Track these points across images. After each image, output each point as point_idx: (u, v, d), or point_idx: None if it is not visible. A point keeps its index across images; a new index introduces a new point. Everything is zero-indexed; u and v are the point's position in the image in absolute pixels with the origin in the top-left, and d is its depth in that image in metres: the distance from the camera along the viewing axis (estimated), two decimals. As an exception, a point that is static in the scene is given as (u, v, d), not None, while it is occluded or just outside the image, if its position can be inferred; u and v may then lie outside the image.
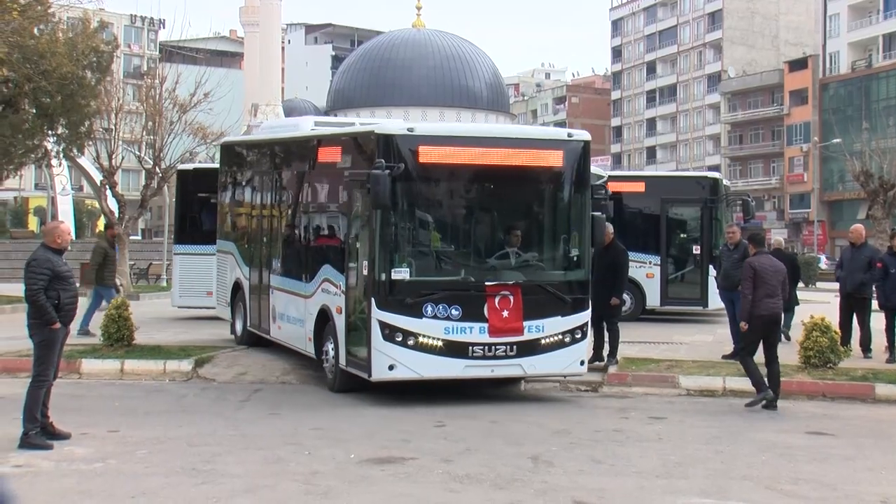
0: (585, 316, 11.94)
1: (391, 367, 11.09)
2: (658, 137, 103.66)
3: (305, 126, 14.88)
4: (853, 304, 15.31)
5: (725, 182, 22.59)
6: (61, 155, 31.46)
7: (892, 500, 7.76)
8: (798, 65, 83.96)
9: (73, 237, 36.14)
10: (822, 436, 10.29)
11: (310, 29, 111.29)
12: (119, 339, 14.66)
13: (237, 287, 16.21)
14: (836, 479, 8.33)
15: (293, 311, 13.63)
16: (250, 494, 7.60)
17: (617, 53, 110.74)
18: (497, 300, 11.33)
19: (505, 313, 11.31)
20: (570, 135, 12.23)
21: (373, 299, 11.10)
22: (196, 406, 11.67)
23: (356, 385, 11.88)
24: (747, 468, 8.68)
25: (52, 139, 29.07)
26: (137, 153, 39.94)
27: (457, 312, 11.22)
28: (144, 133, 42.16)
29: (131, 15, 73.04)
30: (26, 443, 8.99)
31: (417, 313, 11.12)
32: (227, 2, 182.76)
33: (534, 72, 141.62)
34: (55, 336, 9.21)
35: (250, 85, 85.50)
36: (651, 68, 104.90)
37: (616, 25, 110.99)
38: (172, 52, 56.16)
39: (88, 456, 8.75)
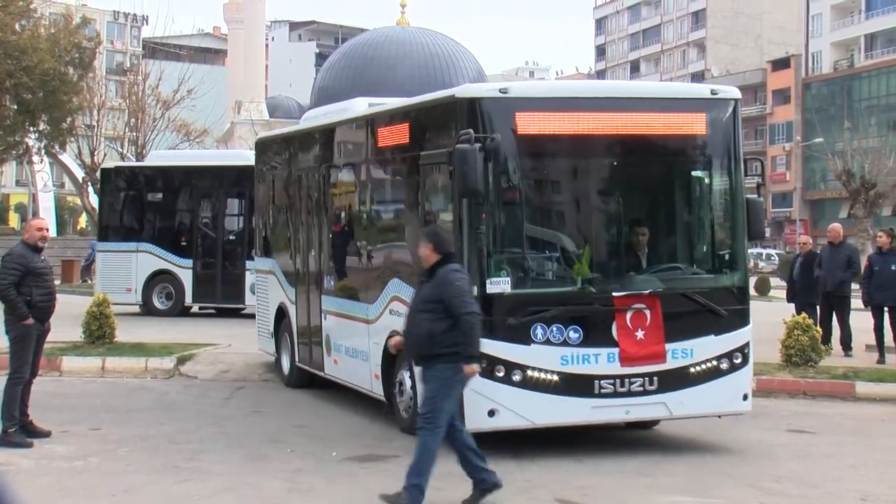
0: (746, 334, 9.12)
1: (492, 413, 8.34)
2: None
3: (359, 108, 11.55)
4: (832, 303, 15.39)
5: None
6: (43, 151, 31.33)
7: (872, 497, 7.82)
8: (781, 64, 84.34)
9: (55, 234, 35.98)
10: (804, 434, 10.34)
11: (294, 26, 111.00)
12: (100, 336, 14.59)
13: (281, 314, 12.91)
14: (818, 477, 8.37)
15: (353, 341, 10.78)
16: (233, 492, 7.58)
17: (601, 52, 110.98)
18: (629, 317, 8.65)
19: (640, 334, 8.65)
20: (714, 92, 9.38)
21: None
22: (178, 404, 11.63)
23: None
24: (729, 466, 8.71)
25: (33, 135, 28.94)
26: (120, 150, 39.76)
27: (576, 335, 8.56)
28: (127, 129, 41.95)
29: (114, 11, 72.68)
30: (6, 441, 8.94)
31: (524, 338, 8.42)
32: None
33: (518, 70, 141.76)
34: (28, 332, 9.15)
35: (234, 82, 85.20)
36: (635, 67, 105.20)
37: (600, 24, 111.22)
38: (155, 49, 55.86)
39: (69, 454, 8.71)
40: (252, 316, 21.32)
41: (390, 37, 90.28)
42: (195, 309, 22.37)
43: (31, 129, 28.02)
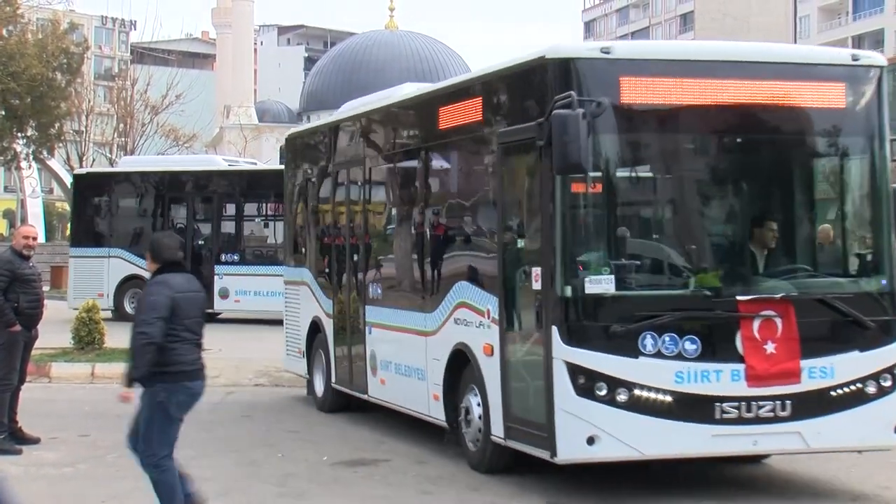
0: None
1: (591, 441, 6.94)
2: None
3: (407, 92, 10.18)
4: None
5: None
6: (31, 157, 31.26)
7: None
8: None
9: (44, 240, 35.89)
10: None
11: (282, 30, 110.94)
12: (90, 342, 14.53)
13: (315, 329, 11.42)
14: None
15: (406, 357, 9.36)
16: (223, 497, 7.54)
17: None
18: (757, 326, 7.16)
19: (770, 347, 7.14)
20: (855, 57, 7.79)
21: (555, 329, 7.01)
22: (168, 409, 11.56)
23: (515, 463, 7.99)
24: None
25: (21, 141, 28.87)
26: (109, 155, 39.68)
27: (693, 347, 7.06)
28: (116, 135, 41.86)
29: (102, 16, 72.48)
30: (-5, 448, 8.88)
31: (631, 350, 6.98)
32: (198, 3, 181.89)
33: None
34: (16, 339, 9.12)
35: (222, 86, 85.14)
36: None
37: (588, 26, 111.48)
38: (144, 54, 55.87)
39: (58, 460, 8.67)
40: (231, 321, 21.72)
41: (379, 41, 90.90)
42: None
43: (19, 134, 27.97)
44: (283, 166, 14.75)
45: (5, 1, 25.77)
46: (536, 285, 7.24)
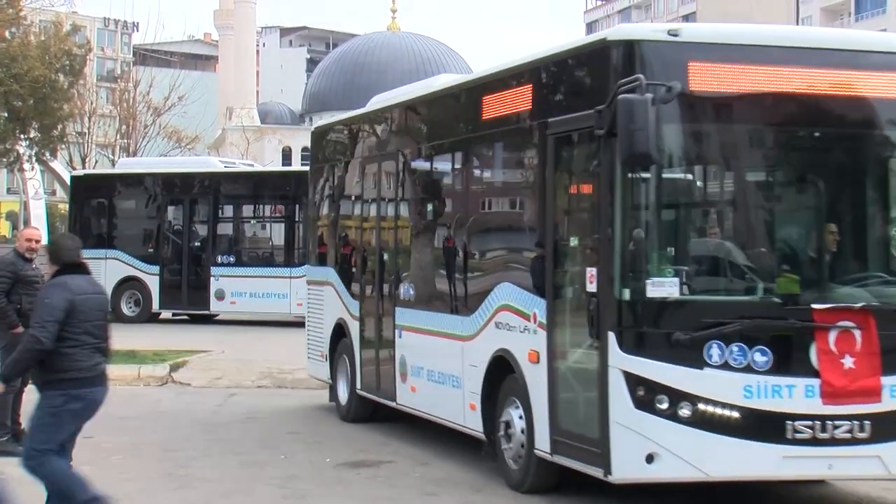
0: None
1: (650, 459, 6.37)
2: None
3: (445, 81, 9.78)
4: None
5: None
6: (34, 159, 31.27)
7: None
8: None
9: (46, 241, 35.95)
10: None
11: (284, 32, 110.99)
12: (93, 344, 14.50)
13: (339, 332, 10.90)
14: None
15: (439, 363, 8.84)
16: (226, 499, 7.56)
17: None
18: (833, 338, 6.54)
19: (848, 362, 6.51)
20: None
21: (611, 335, 6.47)
22: (171, 411, 11.60)
23: (559, 483, 7.48)
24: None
25: (24, 143, 28.90)
26: (111, 157, 39.71)
27: (764, 359, 6.46)
28: (118, 137, 41.91)
29: (104, 18, 72.56)
30: (-3, 449, 8.89)
31: (695, 360, 6.40)
32: (201, 5, 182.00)
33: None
34: (18, 340, 9.11)
35: (225, 88, 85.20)
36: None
37: (590, 28, 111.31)
38: (146, 56, 55.86)
39: (62, 462, 8.65)
40: (227, 322, 21.85)
41: (381, 42, 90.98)
42: (168, 316, 22.63)
43: (22, 136, 27.98)
44: (282, 168, 14.84)
45: (8, 3, 25.80)
46: (591, 287, 6.66)
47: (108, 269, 21.89)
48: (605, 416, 6.48)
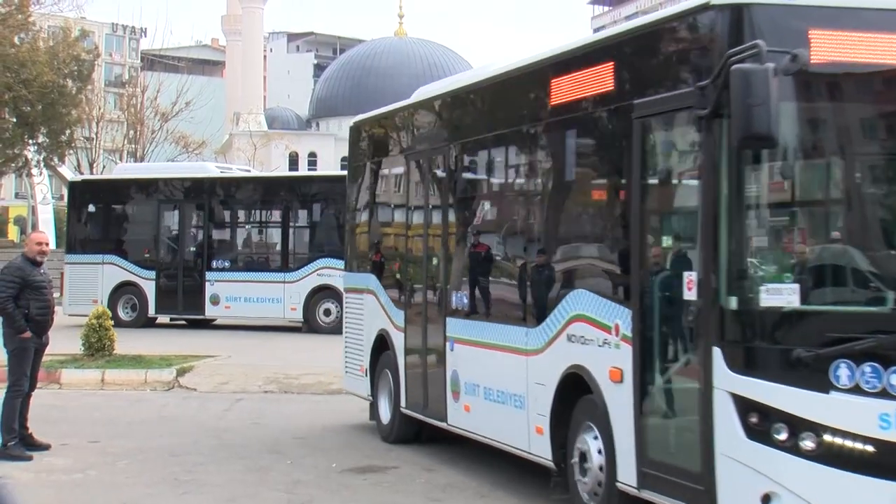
0: None
1: (767, 499, 5.35)
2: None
3: (503, 65, 8.59)
4: None
5: None
6: (42, 164, 31.43)
7: None
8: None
9: (54, 246, 36.04)
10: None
11: (292, 37, 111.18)
12: (100, 348, 14.59)
13: (381, 344, 10.00)
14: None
15: (500, 380, 7.87)
16: (232, 504, 7.58)
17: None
18: None
19: None
20: None
21: (717, 351, 5.47)
22: (177, 416, 11.62)
23: None
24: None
25: (32, 148, 29.05)
26: (119, 162, 39.82)
27: None
28: (126, 142, 42.03)
29: (112, 23, 72.77)
30: (5, 454, 8.93)
31: (819, 382, 5.34)
32: (208, 10, 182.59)
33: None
34: (26, 345, 9.16)
35: (232, 93, 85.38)
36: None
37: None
38: (154, 61, 56.04)
39: (69, 467, 8.70)
40: (225, 327, 21.93)
41: (388, 47, 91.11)
42: (166, 321, 22.77)
43: (31, 141, 28.13)
44: (276, 173, 14.65)
45: (17, 9, 25.92)
46: (690, 294, 5.65)
47: (105, 273, 22.12)
48: (710, 447, 5.46)
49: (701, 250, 5.63)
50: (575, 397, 6.80)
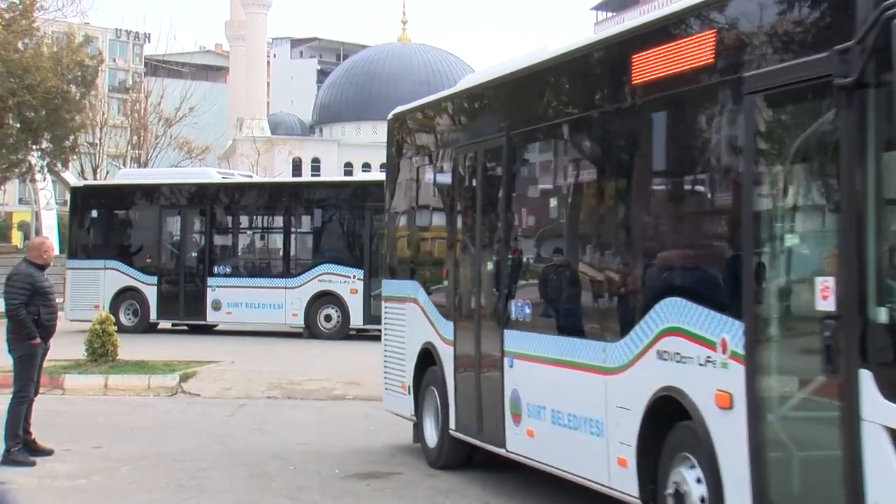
0: None
1: None
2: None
3: (570, 43, 7.46)
4: None
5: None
6: (45, 169, 31.47)
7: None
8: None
9: (57, 252, 36.19)
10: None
11: (295, 43, 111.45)
12: (103, 354, 14.60)
13: (427, 358, 9.02)
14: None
15: (571, 402, 6.86)
16: (235, 510, 7.58)
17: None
18: None
19: None
20: None
21: (864, 375, 4.45)
22: (180, 421, 11.62)
23: None
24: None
25: (36, 153, 29.11)
26: (123, 167, 39.88)
27: None
28: (129, 147, 42.13)
29: (116, 29, 73.02)
30: (8, 459, 8.93)
31: None
32: (212, 16, 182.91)
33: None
34: (35, 351, 9.17)
35: (235, 99, 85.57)
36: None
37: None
38: (157, 67, 56.19)
39: (72, 472, 8.70)
40: (227, 333, 21.94)
41: (392, 53, 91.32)
42: (168, 326, 22.78)
43: (34, 147, 28.19)
44: (277, 179, 14.44)
45: (22, 14, 25.99)
46: (825, 304, 4.63)
47: (106, 279, 22.21)
48: (858, 492, 4.40)
49: (840, 251, 4.60)
50: (667, 424, 5.74)
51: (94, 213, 23.35)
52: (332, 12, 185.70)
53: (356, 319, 20.54)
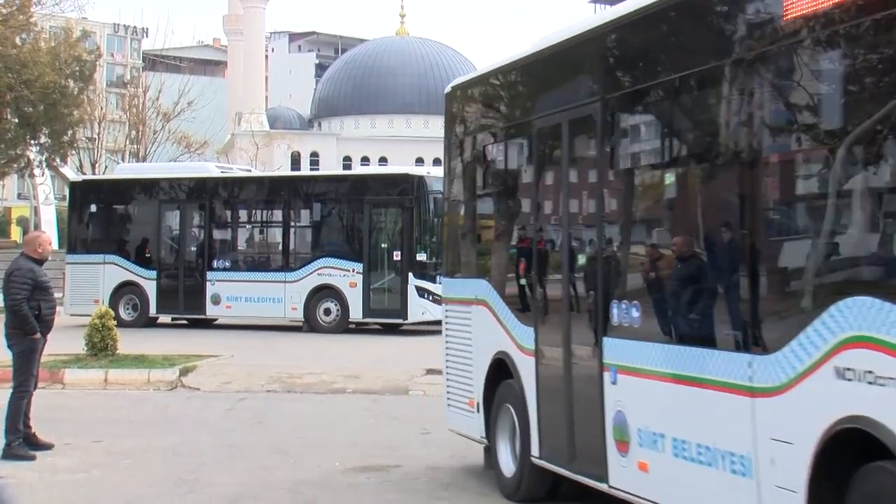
0: None
1: None
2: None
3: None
4: None
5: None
6: (44, 164, 31.46)
7: None
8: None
9: (56, 247, 36.19)
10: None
11: (293, 37, 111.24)
12: (103, 348, 14.60)
13: (501, 370, 7.59)
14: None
15: (702, 431, 5.35)
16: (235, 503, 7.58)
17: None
18: None
19: None
20: None
21: None
22: (181, 415, 11.63)
23: None
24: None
25: (34, 148, 29.10)
26: (121, 162, 39.87)
27: None
28: (128, 142, 42.10)
29: (114, 24, 72.90)
30: (9, 454, 8.94)
31: None
32: (210, 10, 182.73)
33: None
34: (35, 346, 9.19)
35: (234, 93, 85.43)
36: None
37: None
38: (156, 61, 56.14)
39: (72, 466, 8.71)
40: (227, 327, 21.99)
41: (390, 47, 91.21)
42: (167, 320, 22.84)
43: (33, 142, 28.19)
44: (276, 172, 14.21)
45: (19, 9, 25.97)
46: None
47: (106, 273, 22.24)
48: None
49: None
50: (849, 465, 4.36)
51: (94, 208, 23.39)
52: (329, 6, 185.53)
53: (355, 313, 20.54)
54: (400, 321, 20.41)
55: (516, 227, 7.92)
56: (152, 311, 22.18)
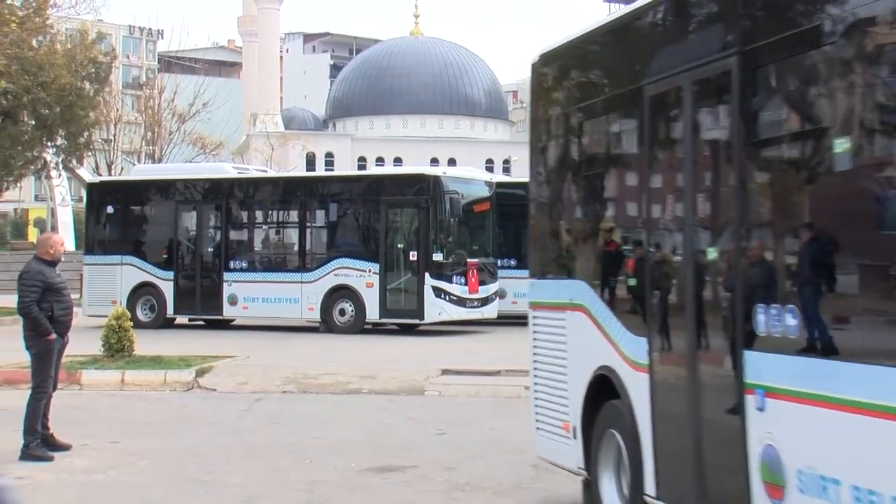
0: None
1: None
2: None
3: None
4: None
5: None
6: (60, 166, 31.60)
7: None
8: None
9: (73, 248, 36.29)
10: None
11: (308, 38, 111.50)
12: (119, 349, 14.65)
13: (603, 389, 6.30)
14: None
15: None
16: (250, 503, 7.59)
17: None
18: None
19: None
20: None
21: None
22: (197, 416, 11.66)
23: None
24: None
25: (51, 150, 29.22)
26: (137, 163, 40.05)
27: None
28: (144, 143, 42.27)
29: (129, 26, 73.30)
30: (27, 455, 8.98)
31: None
32: (225, 12, 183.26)
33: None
34: (51, 347, 9.22)
35: (249, 94, 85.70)
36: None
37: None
38: (171, 63, 56.37)
39: (89, 467, 8.73)
40: (243, 328, 21.99)
41: (404, 47, 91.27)
42: (184, 321, 22.89)
43: (49, 143, 28.29)
44: (292, 173, 13.97)
45: (35, 12, 26.09)
46: None
47: (123, 275, 22.32)
48: None
49: None
50: None
51: (110, 209, 23.45)
52: (344, 7, 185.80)
53: (372, 313, 20.54)
54: (416, 321, 20.41)
55: (623, 215, 6.57)
56: (169, 311, 22.23)
